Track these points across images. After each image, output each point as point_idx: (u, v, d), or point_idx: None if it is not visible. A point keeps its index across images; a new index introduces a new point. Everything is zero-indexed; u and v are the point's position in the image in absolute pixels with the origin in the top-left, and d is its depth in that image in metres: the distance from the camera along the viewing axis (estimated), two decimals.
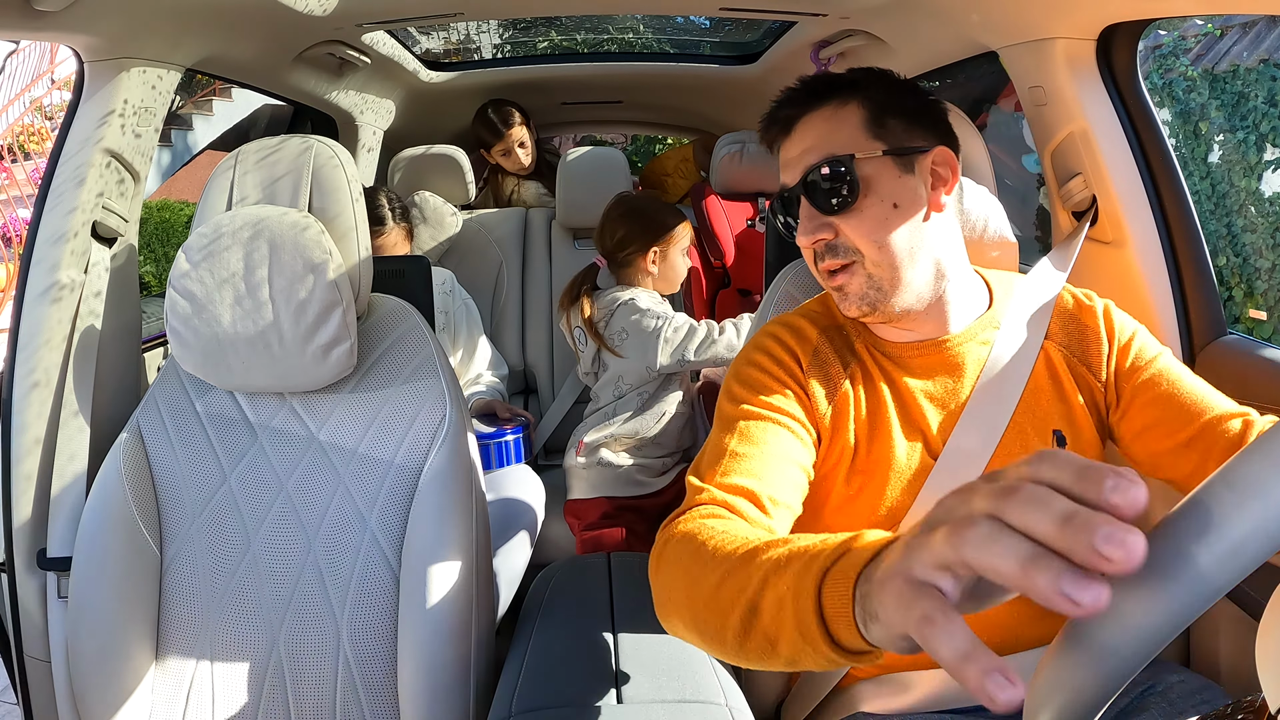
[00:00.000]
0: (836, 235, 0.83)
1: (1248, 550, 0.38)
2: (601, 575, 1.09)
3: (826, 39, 1.71)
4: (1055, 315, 0.91)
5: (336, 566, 1.04)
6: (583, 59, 2.62)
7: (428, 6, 1.58)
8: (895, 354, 0.88)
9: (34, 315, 1.14)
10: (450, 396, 1.07)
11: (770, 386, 0.84)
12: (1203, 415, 0.82)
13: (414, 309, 1.16)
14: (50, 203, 1.15)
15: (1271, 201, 4.44)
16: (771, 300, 1.13)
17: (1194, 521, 0.40)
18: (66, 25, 1.04)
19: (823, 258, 0.84)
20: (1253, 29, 4.53)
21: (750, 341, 0.92)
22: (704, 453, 0.82)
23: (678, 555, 0.67)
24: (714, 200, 2.25)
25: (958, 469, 0.83)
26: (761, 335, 0.91)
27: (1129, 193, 1.15)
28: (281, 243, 1.02)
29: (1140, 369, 0.87)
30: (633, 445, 1.70)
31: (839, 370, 0.87)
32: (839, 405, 0.86)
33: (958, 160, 0.86)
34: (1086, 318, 0.90)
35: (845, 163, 0.81)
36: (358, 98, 2.12)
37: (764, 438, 0.80)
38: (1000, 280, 0.95)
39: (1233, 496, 0.39)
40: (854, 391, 0.87)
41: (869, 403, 0.87)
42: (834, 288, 0.86)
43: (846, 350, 0.89)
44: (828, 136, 0.83)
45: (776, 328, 0.91)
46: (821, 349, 0.88)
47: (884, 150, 0.82)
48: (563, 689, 0.83)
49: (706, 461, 0.80)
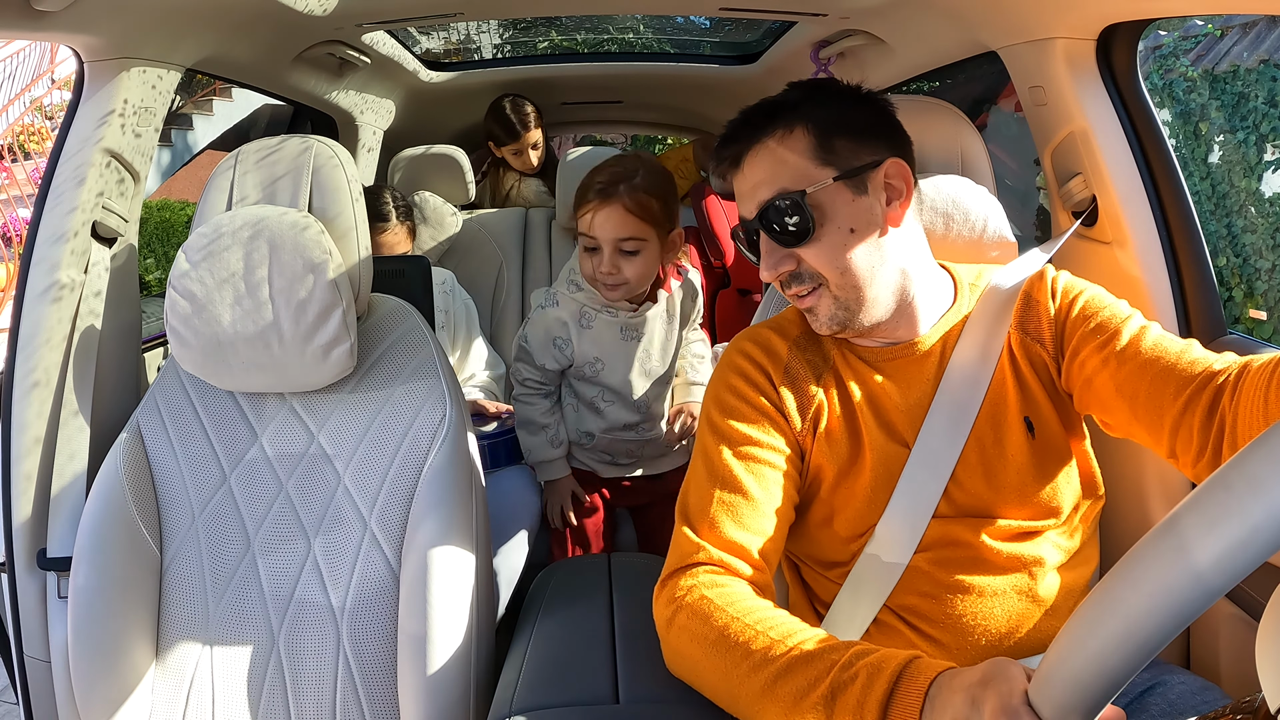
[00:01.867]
0: (799, 264, 0.85)
1: (1248, 550, 0.38)
2: (601, 575, 1.09)
3: (826, 39, 1.71)
4: (1019, 302, 0.90)
5: (336, 566, 1.04)
6: (583, 59, 2.62)
7: (428, 6, 1.58)
8: (869, 358, 0.90)
9: (34, 315, 1.14)
10: (450, 396, 1.07)
11: (747, 415, 0.87)
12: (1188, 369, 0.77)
13: (414, 309, 1.16)
14: (50, 202, 1.15)
15: (1272, 202, 4.44)
16: (771, 300, 1.13)
17: (1195, 521, 0.40)
18: (66, 25, 1.04)
19: (789, 285, 0.86)
20: (1253, 29, 4.53)
21: (724, 361, 0.93)
22: (691, 494, 0.85)
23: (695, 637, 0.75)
24: (714, 200, 2.25)
25: (930, 462, 0.84)
26: (734, 354, 0.92)
27: (1129, 193, 1.16)
28: (281, 242, 1.02)
29: (1089, 318, 0.84)
30: None
31: (812, 381, 0.89)
32: (815, 415, 0.87)
33: (911, 167, 0.86)
34: (1037, 293, 0.90)
35: (796, 198, 0.81)
36: (358, 98, 2.12)
37: (750, 482, 0.83)
38: (966, 273, 0.95)
39: (1231, 497, 0.39)
40: (829, 399, 0.88)
41: (844, 408, 0.88)
42: (804, 310, 0.88)
43: (819, 359, 0.91)
44: (776, 169, 0.83)
45: (748, 345, 0.92)
46: (792, 364, 0.90)
47: (834, 176, 0.82)
48: (562, 689, 0.83)
49: (695, 508, 0.84)
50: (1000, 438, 0.86)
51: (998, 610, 0.83)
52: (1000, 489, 0.85)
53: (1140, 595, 0.40)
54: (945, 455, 0.84)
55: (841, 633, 0.85)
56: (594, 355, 1.45)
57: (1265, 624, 0.43)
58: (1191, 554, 0.39)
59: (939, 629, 0.84)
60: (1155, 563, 0.40)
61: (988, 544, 0.83)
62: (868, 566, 0.85)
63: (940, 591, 0.83)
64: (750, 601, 0.76)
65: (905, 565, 0.83)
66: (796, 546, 0.92)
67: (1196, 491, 0.41)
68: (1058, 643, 0.46)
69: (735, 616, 0.73)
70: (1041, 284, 0.90)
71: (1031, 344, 0.88)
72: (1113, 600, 0.42)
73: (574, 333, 1.44)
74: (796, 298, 0.87)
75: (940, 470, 0.84)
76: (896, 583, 0.84)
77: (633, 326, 1.46)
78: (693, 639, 0.75)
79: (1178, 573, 0.39)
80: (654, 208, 1.32)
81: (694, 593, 0.77)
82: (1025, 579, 0.84)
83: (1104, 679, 0.42)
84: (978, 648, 0.83)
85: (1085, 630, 0.43)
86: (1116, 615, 0.41)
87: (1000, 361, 0.87)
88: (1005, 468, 0.85)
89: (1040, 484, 0.85)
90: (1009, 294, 0.90)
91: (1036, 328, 0.89)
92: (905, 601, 0.85)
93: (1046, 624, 0.84)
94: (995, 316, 0.88)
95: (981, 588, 0.83)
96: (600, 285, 1.39)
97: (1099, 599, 0.43)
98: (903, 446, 0.86)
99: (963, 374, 0.86)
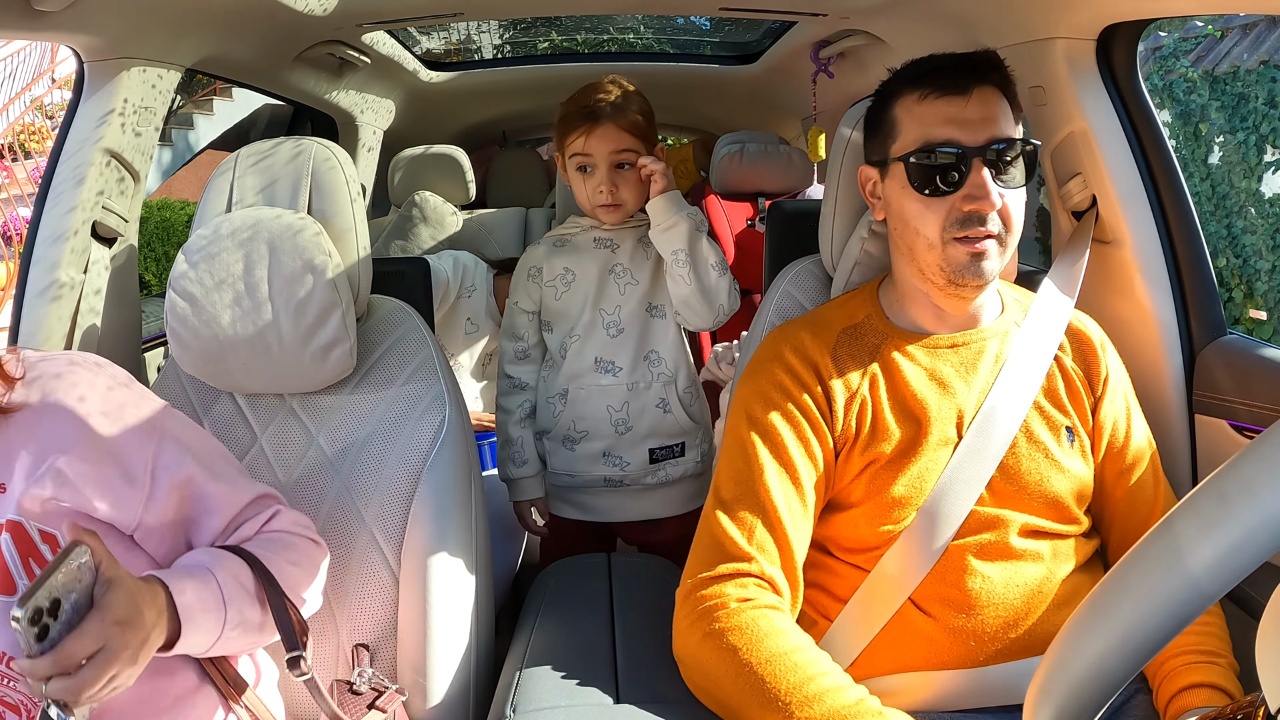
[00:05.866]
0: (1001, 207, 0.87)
1: (1243, 554, 0.38)
2: (601, 575, 1.09)
3: (826, 39, 1.71)
4: (1075, 331, 0.97)
5: (336, 567, 1.04)
6: (583, 59, 2.62)
7: (428, 6, 1.58)
8: (929, 346, 0.92)
9: (34, 314, 1.14)
10: (450, 398, 1.07)
11: (789, 412, 0.89)
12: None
13: (413, 310, 1.16)
14: (50, 202, 1.15)
15: (1271, 203, 4.44)
16: (771, 300, 1.13)
17: (1190, 525, 0.40)
18: (66, 25, 1.04)
19: (977, 223, 0.86)
20: (1253, 30, 4.54)
21: (764, 353, 0.94)
22: (728, 490, 0.87)
23: (732, 657, 0.77)
24: (714, 200, 2.25)
25: (980, 450, 0.88)
26: (777, 345, 0.94)
27: (1129, 193, 1.16)
28: (280, 243, 1.02)
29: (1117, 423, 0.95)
30: None
31: (859, 372, 0.91)
32: (860, 406, 0.89)
33: None
34: (1088, 340, 0.97)
35: (1034, 148, 0.88)
36: (358, 98, 2.13)
37: (791, 490, 0.86)
38: (1008, 290, 1.01)
39: (1225, 502, 0.39)
40: (874, 390, 0.90)
41: (893, 398, 0.90)
42: (971, 253, 0.87)
43: (865, 353, 0.93)
44: (1005, 115, 0.88)
45: (791, 337, 0.94)
46: (839, 356, 0.92)
47: None
48: (562, 689, 0.83)
49: (735, 508, 0.85)
50: (1042, 439, 0.89)
51: (1013, 599, 0.85)
52: (1032, 487, 0.88)
53: (1135, 600, 0.40)
54: (993, 449, 0.87)
55: (861, 622, 0.87)
56: (565, 266, 1.41)
57: (1265, 624, 0.43)
58: (1186, 559, 0.39)
59: (954, 613, 0.85)
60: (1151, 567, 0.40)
61: (1014, 537, 0.86)
62: (902, 551, 0.86)
63: (962, 577, 0.85)
64: (793, 637, 0.78)
65: (943, 550, 0.85)
66: (819, 532, 0.92)
67: (1190, 496, 0.41)
68: (1053, 649, 0.46)
69: (780, 652, 0.76)
70: (1090, 340, 0.97)
71: (1078, 370, 0.95)
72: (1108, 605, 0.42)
73: (549, 256, 1.43)
74: (969, 240, 0.86)
75: (986, 464, 0.87)
76: (930, 569, 0.85)
77: (605, 236, 1.42)
78: (728, 659, 0.77)
79: (1173, 577, 0.39)
80: (640, 123, 1.36)
81: (740, 615, 0.79)
82: (1043, 573, 0.86)
83: (1102, 680, 0.42)
84: (986, 633, 0.85)
85: (1083, 634, 0.43)
86: (1112, 620, 0.41)
87: (1051, 369, 0.93)
88: (1040, 467, 0.88)
89: (1071, 487, 0.89)
90: (1060, 313, 0.97)
91: (1086, 366, 0.95)
92: (926, 589, 0.86)
93: (1055, 616, 0.86)
94: (1050, 327, 0.95)
95: (1001, 576, 0.85)
96: (598, 210, 1.38)
97: (1095, 603, 0.43)
98: (953, 435, 0.89)
99: (1019, 374, 0.91)
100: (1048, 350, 0.93)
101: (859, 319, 0.95)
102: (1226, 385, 1.10)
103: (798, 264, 1.15)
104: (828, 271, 1.13)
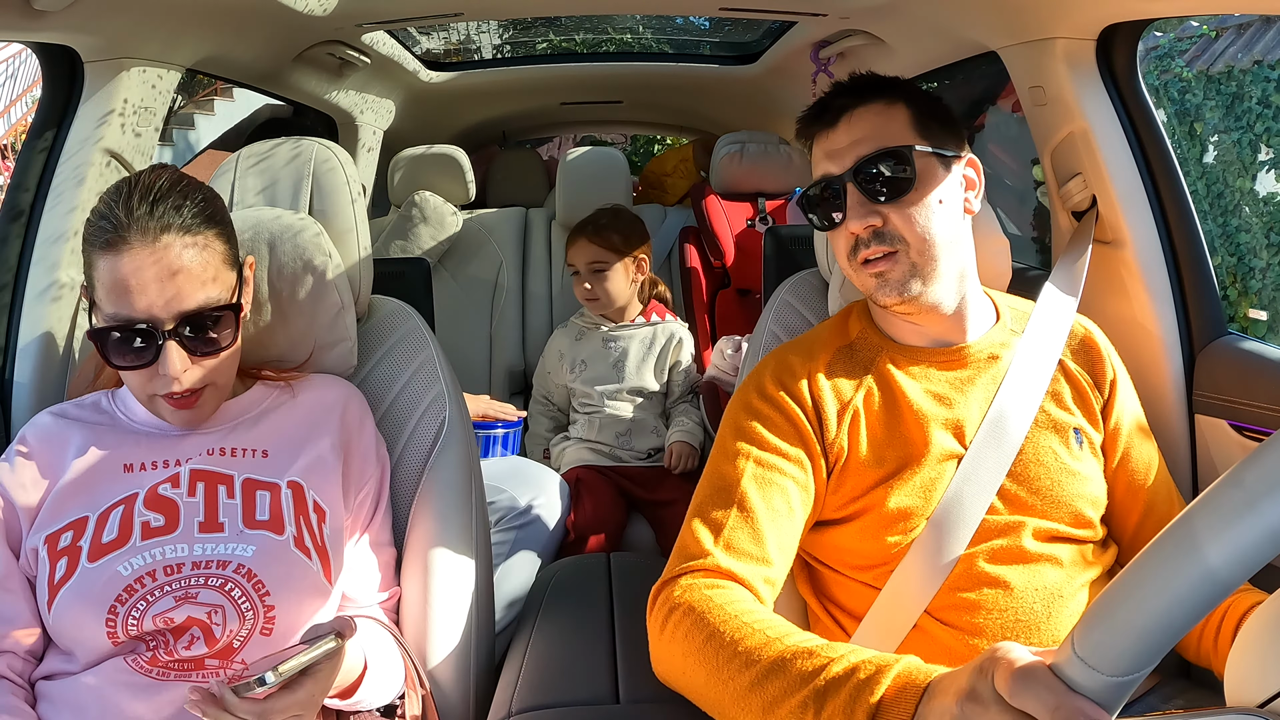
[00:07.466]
0: (885, 223, 0.86)
1: (1260, 549, 0.38)
2: (601, 575, 1.09)
3: (826, 39, 1.71)
4: (1081, 337, 0.97)
5: None
6: (582, 59, 2.63)
7: (428, 6, 1.58)
8: (923, 360, 0.91)
9: (34, 314, 1.13)
10: (450, 397, 1.07)
11: (776, 423, 0.88)
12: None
13: (414, 311, 1.16)
14: (50, 202, 1.15)
15: (1266, 201, 4.45)
16: (771, 310, 1.14)
17: (1206, 519, 0.40)
18: (66, 25, 1.04)
19: (865, 245, 0.87)
20: (1247, 30, 4.55)
21: (757, 366, 0.94)
22: (706, 496, 0.85)
23: (689, 634, 0.73)
24: (714, 200, 2.25)
25: (989, 457, 0.87)
26: (769, 360, 0.94)
27: (1129, 193, 1.16)
28: (280, 244, 1.02)
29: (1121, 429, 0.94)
30: None
31: (852, 388, 0.90)
32: (853, 421, 0.89)
33: None
34: (1091, 341, 0.97)
35: (903, 154, 0.86)
36: (358, 98, 2.12)
37: (769, 495, 0.84)
38: (1004, 299, 1.00)
39: (1243, 495, 0.39)
40: (869, 405, 0.90)
41: (888, 412, 0.89)
42: (874, 274, 0.88)
43: (858, 368, 0.92)
44: (881, 129, 0.87)
45: (783, 354, 0.94)
46: (833, 370, 0.91)
47: (930, 149, 0.87)
48: (562, 689, 0.83)
49: (709, 513, 0.83)
50: (1051, 442, 0.89)
51: (1031, 602, 0.84)
52: (1044, 491, 0.87)
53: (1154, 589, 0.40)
54: (1003, 456, 0.87)
55: (878, 637, 0.85)
56: (581, 359, 1.84)
57: (1258, 616, 0.43)
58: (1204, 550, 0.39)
59: (973, 620, 0.83)
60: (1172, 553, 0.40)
61: (1029, 540, 0.85)
62: (914, 564, 0.84)
63: (977, 586, 0.84)
64: (749, 604, 0.75)
65: (956, 560, 0.84)
66: (828, 551, 0.91)
67: (1209, 490, 0.41)
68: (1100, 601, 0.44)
69: (732, 615, 0.72)
70: (1096, 346, 0.96)
71: (1083, 372, 0.94)
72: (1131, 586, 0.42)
73: (569, 345, 1.88)
74: (866, 261, 0.87)
75: (995, 472, 0.86)
76: (945, 579, 0.84)
77: (613, 338, 1.83)
78: (685, 638, 0.73)
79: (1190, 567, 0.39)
80: (613, 239, 1.77)
81: (692, 592, 0.76)
82: (1061, 577, 0.85)
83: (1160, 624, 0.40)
84: (1006, 639, 0.82)
85: (1097, 627, 0.43)
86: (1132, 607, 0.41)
87: (1056, 374, 0.92)
88: (1050, 471, 0.88)
89: (1083, 489, 0.88)
90: (1063, 317, 0.96)
91: (1091, 368, 0.95)
92: (942, 599, 0.84)
93: (1069, 623, 0.85)
94: (1054, 330, 0.94)
95: (1019, 580, 0.84)
96: (587, 302, 1.84)
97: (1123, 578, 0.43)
98: (958, 447, 0.88)
99: (1025, 379, 0.90)
100: (1053, 354, 0.92)
101: (853, 336, 0.95)
102: (1227, 385, 1.10)
103: (797, 276, 1.18)
104: (825, 280, 1.14)
